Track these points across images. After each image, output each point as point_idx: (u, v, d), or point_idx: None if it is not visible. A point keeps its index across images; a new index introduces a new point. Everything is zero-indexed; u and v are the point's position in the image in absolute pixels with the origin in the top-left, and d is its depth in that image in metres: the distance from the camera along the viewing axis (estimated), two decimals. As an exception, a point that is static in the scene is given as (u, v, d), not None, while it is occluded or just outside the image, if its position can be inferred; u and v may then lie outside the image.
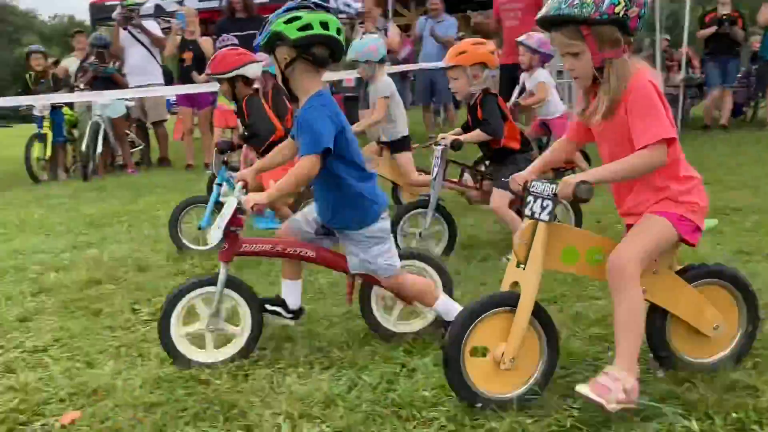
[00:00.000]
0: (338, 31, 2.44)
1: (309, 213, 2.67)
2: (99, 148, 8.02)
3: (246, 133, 4.50)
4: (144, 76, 8.34)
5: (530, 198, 2.08)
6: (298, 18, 2.35)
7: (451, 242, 3.98)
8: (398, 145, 4.95)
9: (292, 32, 2.35)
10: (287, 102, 5.07)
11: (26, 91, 8.59)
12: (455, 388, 2.07)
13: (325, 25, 2.39)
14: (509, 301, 2.07)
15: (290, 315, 2.70)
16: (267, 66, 4.94)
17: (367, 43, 4.97)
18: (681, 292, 2.22)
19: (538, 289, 2.04)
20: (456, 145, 3.83)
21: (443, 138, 3.96)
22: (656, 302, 2.20)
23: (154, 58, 8.53)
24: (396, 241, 3.43)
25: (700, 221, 2.14)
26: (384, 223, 2.56)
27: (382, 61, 4.97)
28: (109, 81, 8.36)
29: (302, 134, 2.43)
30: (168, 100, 9.75)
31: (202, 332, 2.56)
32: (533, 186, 2.08)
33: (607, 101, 2.04)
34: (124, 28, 8.34)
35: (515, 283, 2.10)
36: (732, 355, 2.30)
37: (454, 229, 3.99)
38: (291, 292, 2.70)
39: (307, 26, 2.35)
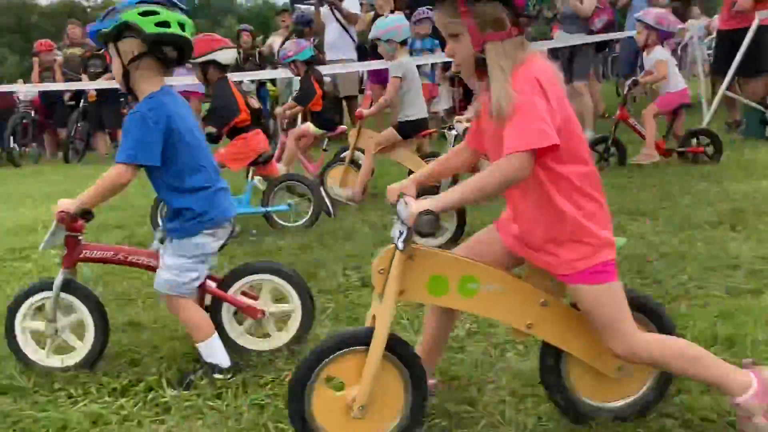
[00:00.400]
0: (192, 34, 2.31)
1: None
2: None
3: (206, 116, 4.48)
4: (338, 52, 8.48)
5: (394, 218, 1.76)
6: (155, 13, 2.18)
7: (458, 232, 3.73)
8: (406, 128, 4.79)
9: (149, 26, 2.17)
10: (315, 86, 5.25)
11: (235, 68, 9.41)
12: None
13: (182, 26, 2.24)
14: (365, 338, 1.74)
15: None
16: (298, 53, 5.25)
17: (390, 22, 4.83)
18: (575, 326, 1.82)
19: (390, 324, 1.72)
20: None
21: (459, 122, 3.72)
22: (545, 338, 1.84)
23: (348, 33, 8.76)
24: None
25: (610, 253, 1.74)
26: (203, 239, 2.33)
27: (404, 43, 4.82)
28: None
29: (123, 138, 2.29)
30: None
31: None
32: (399, 204, 1.73)
33: (493, 97, 1.64)
34: (321, 5, 8.49)
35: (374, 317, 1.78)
36: (638, 401, 1.91)
37: (463, 219, 3.74)
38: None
39: (165, 23, 2.19)
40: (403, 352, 1.79)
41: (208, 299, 2.51)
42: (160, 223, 4.12)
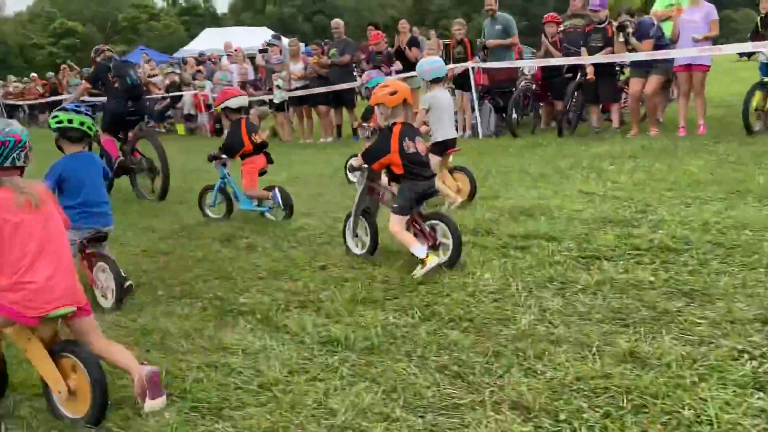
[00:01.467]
0: (81, 123, 4.05)
1: None
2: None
3: (222, 146, 6.23)
4: None
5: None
6: (56, 116, 4.10)
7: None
8: (435, 149, 5.77)
9: (52, 124, 4.11)
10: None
11: None
12: None
13: (81, 123, 4.05)
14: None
15: None
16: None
17: (422, 65, 6.09)
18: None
19: None
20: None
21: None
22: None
23: None
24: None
25: None
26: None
27: (435, 81, 5.88)
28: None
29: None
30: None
31: None
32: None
33: None
34: None
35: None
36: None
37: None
38: None
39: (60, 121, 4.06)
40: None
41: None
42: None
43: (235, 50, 15.37)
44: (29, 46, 71.19)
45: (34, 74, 24.26)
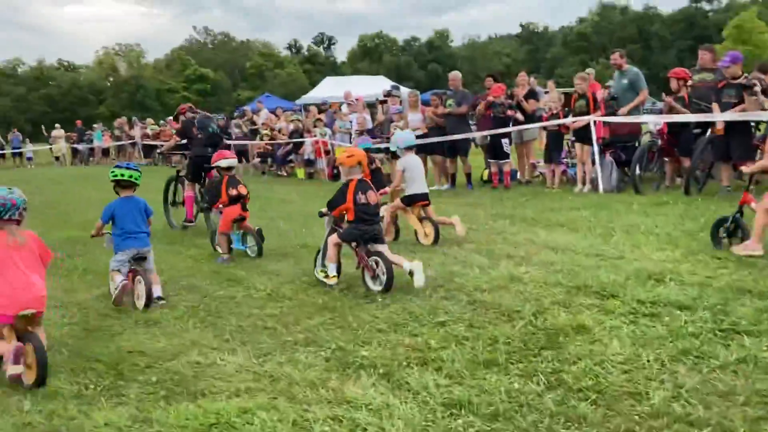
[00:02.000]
0: (130, 176, 5.63)
1: None
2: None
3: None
4: None
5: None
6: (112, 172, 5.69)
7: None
8: (404, 200, 7.33)
9: (110, 176, 5.67)
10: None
11: None
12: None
13: (128, 175, 5.62)
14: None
15: None
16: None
17: (395, 136, 7.96)
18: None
19: None
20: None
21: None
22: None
23: None
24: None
25: None
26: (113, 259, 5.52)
27: (408, 148, 7.38)
28: None
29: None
30: None
31: None
32: None
33: None
34: None
35: None
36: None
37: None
38: None
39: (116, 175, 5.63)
40: None
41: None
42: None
43: (356, 99, 15.89)
44: (165, 91, 76.94)
45: (169, 118, 26.08)
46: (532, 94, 11.54)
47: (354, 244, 5.64)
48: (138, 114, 47.34)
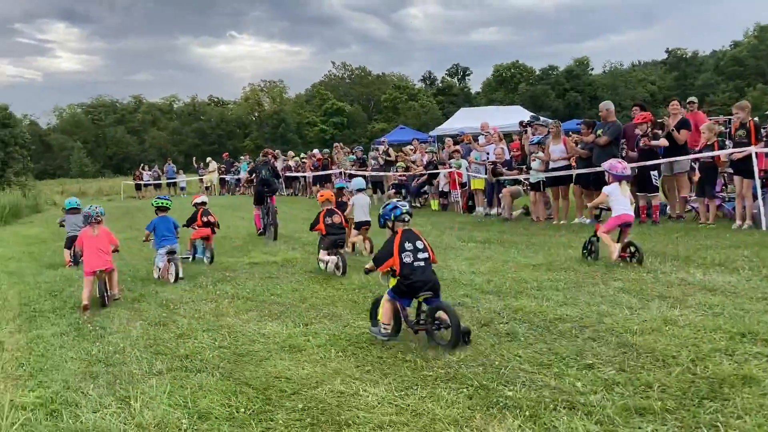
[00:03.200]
0: (163, 203, 9.14)
1: None
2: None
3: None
4: None
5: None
6: (154, 200, 9.58)
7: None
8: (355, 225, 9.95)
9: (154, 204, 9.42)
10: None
11: None
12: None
13: (166, 202, 9.23)
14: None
15: None
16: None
17: (352, 182, 10.91)
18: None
19: None
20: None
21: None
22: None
23: None
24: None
25: None
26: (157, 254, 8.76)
27: (359, 190, 10.14)
28: None
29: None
30: None
31: None
32: None
33: None
34: None
35: None
36: None
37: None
38: None
39: (159, 202, 9.24)
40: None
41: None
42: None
43: (492, 130, 15.78)
44: (304, 124, 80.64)
45: (315, 151, 27.20)
46: (683, 124, 10.88)
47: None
48: (279, 147, 49.86)
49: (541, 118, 14.52)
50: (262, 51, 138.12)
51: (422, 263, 5.12)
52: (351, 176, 19.06)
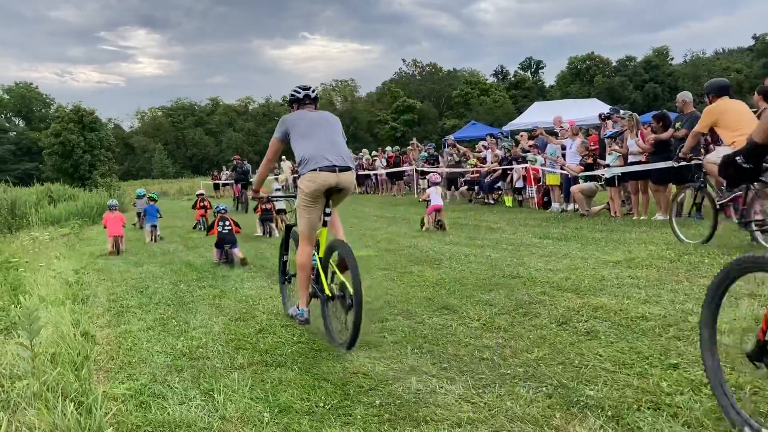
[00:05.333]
0: (146, 194, 18.10)
1: None
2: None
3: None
4: None
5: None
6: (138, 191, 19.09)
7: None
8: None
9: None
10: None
11: None
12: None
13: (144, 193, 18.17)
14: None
15: None
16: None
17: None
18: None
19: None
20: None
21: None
22: None
23: None
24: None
25: None
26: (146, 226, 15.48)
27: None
28: None
29: None
30: None
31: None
32: None
33: None
34: None
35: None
36: None
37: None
38: None
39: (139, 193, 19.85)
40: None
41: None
42: None
43: (569, 123, 15.45)
44: (375, 122, 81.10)
45: (388, 148, 27.35)
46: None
47: None
48: (351, 146, 50.35)
49: (621, 111, 14.05)
50: (334, 51, 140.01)
51: None
52: (423, 173, 19.05)
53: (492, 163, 17.54)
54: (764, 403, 3.46)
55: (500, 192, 17.56)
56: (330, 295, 5.25)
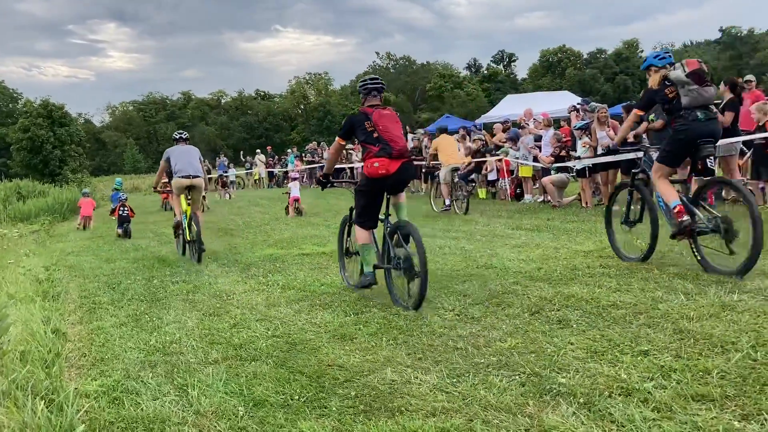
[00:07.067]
0: (118, 185, 20.85)
1: None
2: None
3: None
4: None
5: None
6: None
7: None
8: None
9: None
10: None
11: None
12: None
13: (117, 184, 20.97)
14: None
15: None
16: None
17: None
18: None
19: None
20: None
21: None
22: None
23: None
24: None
25: None
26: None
27: None
28: None
29: None
30: None
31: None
32: None
33: None
34: None
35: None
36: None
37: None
38: None
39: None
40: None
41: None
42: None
43: (542, 116, 15.57)
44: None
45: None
46: (731, 106, 10.50)
47: None
48: (326, 138, 50.14)
49: (592, 103, 14.20)
50: (307, 44, 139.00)
51: None
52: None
53: (466, 156, 17.61)
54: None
55: (474, 184, 17.65)
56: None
